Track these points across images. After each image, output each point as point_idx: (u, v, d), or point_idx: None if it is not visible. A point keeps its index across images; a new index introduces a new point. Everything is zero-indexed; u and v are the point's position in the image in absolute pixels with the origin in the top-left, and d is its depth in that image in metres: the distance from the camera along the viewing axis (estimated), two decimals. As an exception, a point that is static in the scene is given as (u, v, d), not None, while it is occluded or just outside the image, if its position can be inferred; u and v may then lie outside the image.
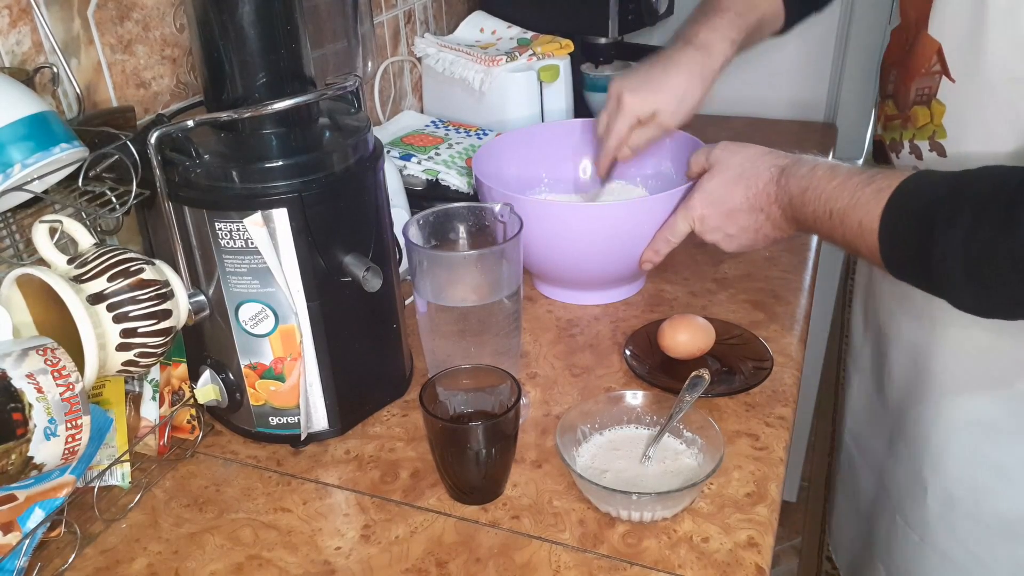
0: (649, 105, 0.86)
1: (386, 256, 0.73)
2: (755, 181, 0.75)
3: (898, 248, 0.62)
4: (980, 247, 0.56)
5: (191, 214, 0.65)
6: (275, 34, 0.64)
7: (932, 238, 0.58)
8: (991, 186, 0.57)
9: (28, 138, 0.59)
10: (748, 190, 0.76)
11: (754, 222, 0.77)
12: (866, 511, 1.02)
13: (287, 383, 0.70)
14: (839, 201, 0.66)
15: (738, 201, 0.77)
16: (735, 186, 0.77)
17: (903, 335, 0.90)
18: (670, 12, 1.34)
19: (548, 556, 0.62)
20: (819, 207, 0.68)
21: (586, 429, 0.70)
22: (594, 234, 0.84)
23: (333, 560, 0.62)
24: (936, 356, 0.85)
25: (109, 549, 0.65)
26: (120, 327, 0.61)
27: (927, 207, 0.59)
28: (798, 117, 1.48)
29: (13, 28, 0.71)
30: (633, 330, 0.87)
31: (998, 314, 0.60)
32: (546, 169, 1.03)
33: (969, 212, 0.56)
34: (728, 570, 0.60)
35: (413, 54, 1.31)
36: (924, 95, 0.78)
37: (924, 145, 0.79)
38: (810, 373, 1.67)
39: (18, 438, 0.54)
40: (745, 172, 0.76)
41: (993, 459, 0.82)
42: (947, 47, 0.74)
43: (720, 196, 0.78)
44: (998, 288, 0.57)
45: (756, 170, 0.75)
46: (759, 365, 0.79)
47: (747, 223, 0.77)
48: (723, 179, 0.78)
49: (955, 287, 0.58)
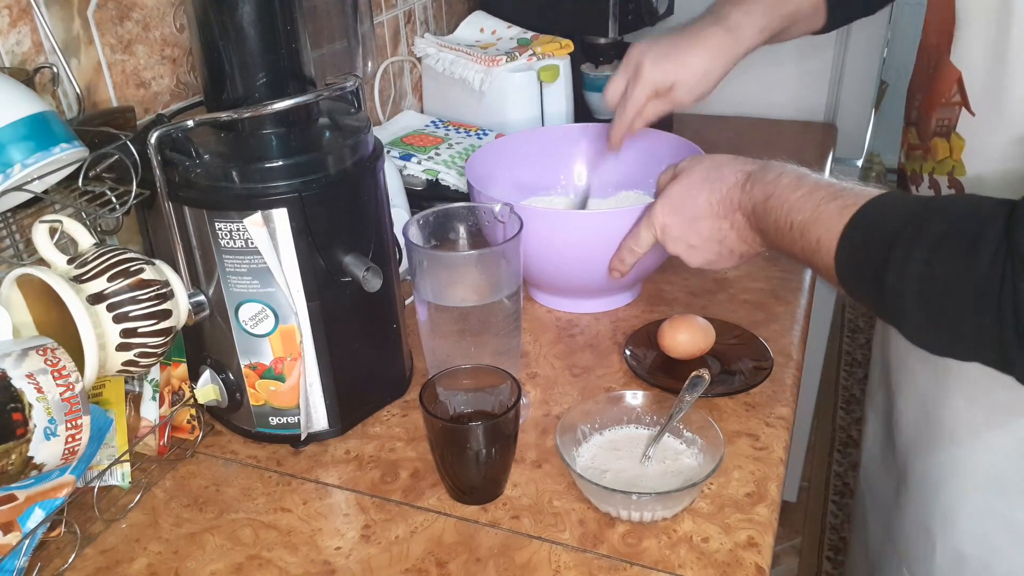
0: (669, 77, 0.83)
1: (386, 256, 0.73)
2: (719, 185, 0.70)
3: (855, 271, 0.57)
4: (938, 279, 0.51)
5: (191, 214, 0.65)
6: (275, 34, 0.64)
7: (887, 264, 0.53)
8: (960, 215, 0.52)
9: (28, 138, 0.59)
10: (712, 195, 0.70)
11: (718, 231, 0.70)
12: (874, 558, 0.99)
13: (287, 383, 0.70)
14: (800, 213, 0.61)
15: (701, 207, 0.71)
16: (698, 191, 0.71)
17: (915, 379, 0.85)
18: (670, 12, 1.34)
19: (548, 556, 0.62)
20: (780, 217, 0.63)
21: (586, 429, 0.70)
22: (586, 241, 0.83)
23: (333, 560, 0.63)
24: (947, 405, 0.79)
25: (109, 549, 0.65)
26: (120, 327, 0.61)
27: (888, 231, 0.54)
28: (798, 117, 1.48)
29: (13, 28, 0.71)
30: (633, 330, 0.86)
31: (952, 352, 0.55)
32: (541, 175, 1.03)
33: (930, 240, 0.51)
34: (728, 570, 0.60)
35: (413, 54, 1.31)
36: (944, 127, 0.73)
37: (943, 180, 0.74)
38: (810, 373, 1.67)
39: (18, 438, 0.54)
40: (709, 176, 0.71)
41: (1007, 517, 0.77)
42: (968, 77, 0.69)
43: (682, 202, 0.72)
44: (953, 325, 0.52)
45: (721, 174, 0.70)
46: (759, 365, 0.79)
47: (710, 232, 0.71)
48: (686, 184, 0.72)
49: (908, 318, 0.54)
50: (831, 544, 1.92)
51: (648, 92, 0.85)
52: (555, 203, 1.02)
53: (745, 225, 0.68)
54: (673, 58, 0.83)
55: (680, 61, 0.83)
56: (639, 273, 0.90)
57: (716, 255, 0.72)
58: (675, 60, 0.83)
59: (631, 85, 0.85)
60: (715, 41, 0.83)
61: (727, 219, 0.69)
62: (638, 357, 0.82)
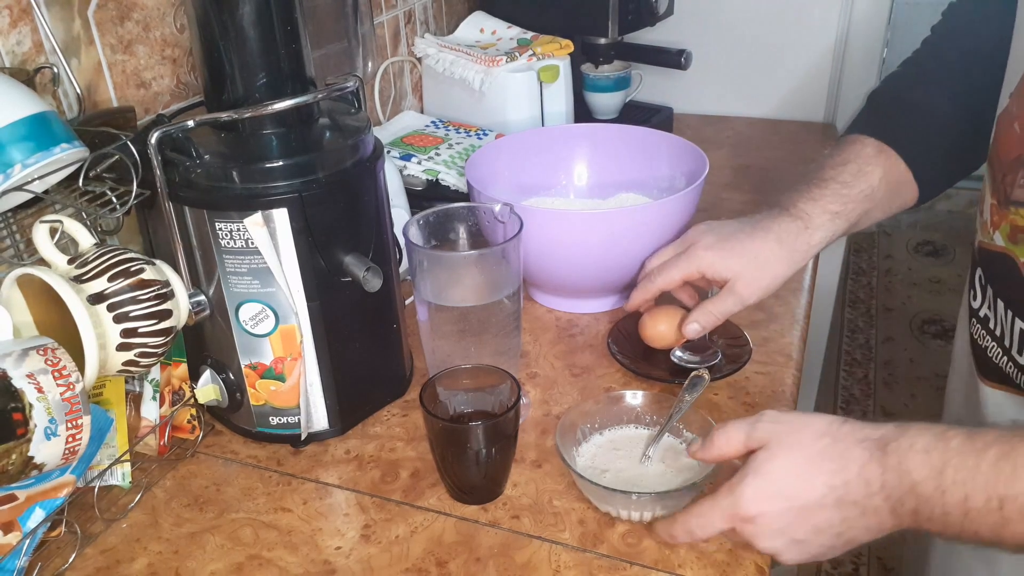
0: (719, 265, 0.73)
1: (386, 256, 0.73)
2: (845, 463, 0.53)
3: None
4: None
5: (191, 214, 0.65)
6: (275, 34, 0.64)
7: None
8: None
9: (28, 138, 0.59)
10: (834, 477, 0.53)
11: (840, 522, 0.54)
12: None
13: (287, 383, 0.70)
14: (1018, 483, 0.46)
15: (818, 493, 0.53)
16: (814, 470, 0.54)
17: None
18: (670, 12, 1.34)
19: (548, 556, 0.62)
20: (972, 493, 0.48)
21: (586, 429, 0.70)
22: (586, 241, 0.83)
23: (333, 560, 0.63)
24: None
25: (109, 549, 0.65)
26: (120, 327, 0.61)
27: None
28: (798, 117, 1.48)
29: (13, 28, 0.71)
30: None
31: None
32: (541, 175, 1.03)
33: None
34: (728, 570, 0.60)
35: (413, 54, 1.31)
36: None
37: None
38: (810, 373, 1.67)
39: (18, 438, 0.54)
40: (826, 452, 0.54)
41: None
42: None
43: (789, 486, 0.54)
44: None
45: (842, 448, 0.54)
46: (733, 343, 0.82)
47: (828, 523, 0.54)
48: (792, 461, 0.55)
49: None
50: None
51: (688, 272, 0.75)
52: (555, 203, 1.02)
53: (887, 511, 0.52)
54: (729, 246, 0.74)
55: (735, 250, 0.73)
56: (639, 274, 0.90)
57: (827, 549, 0.56)
58: (730, 248, 0.74)
59: (674, 259, 0.76)
60: (778, 229, 0.73)
61: (858, 506, 0.53)
62: (622, 349, 0.83)
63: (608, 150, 1.02)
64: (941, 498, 0.49)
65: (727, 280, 0.74)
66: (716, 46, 1.46)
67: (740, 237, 0.74)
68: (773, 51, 1.46)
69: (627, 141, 1.01)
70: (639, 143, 1.00)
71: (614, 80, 1.36)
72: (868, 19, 1.41)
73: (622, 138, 1.01)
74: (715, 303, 0.75)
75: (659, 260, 0.79)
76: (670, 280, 0.76)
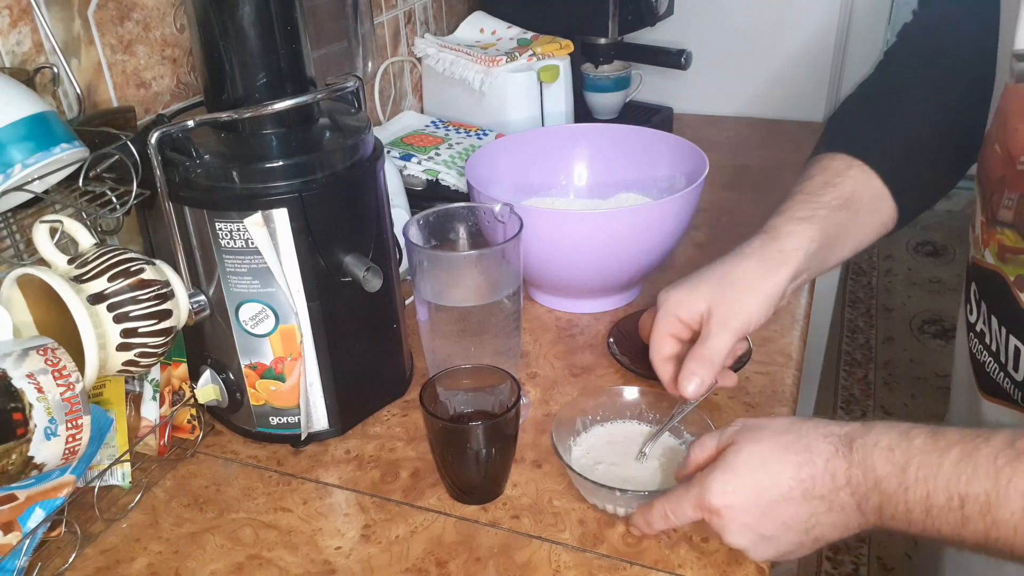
0: (688, 298, 0.67)
1: (386, 256, 0.73)
2: (810, 457, 0.53)
3: None
4: None
5: (191, 214, 0.65)
6: (275, 34, 0.64)
7: None
8: None
9: (28, 138, 0.59)
10: (800, 470, 0.53)
11: (807, 517, 0.53)
12: None
13: (287, 383, 0.70)
14: (977, 483, 0.47)
15: (784, 487, 0.53)
16: (779, 464, 0.54)
17: None
18: (670, 12, 1.34)
19: (548, 556, 0.62)
20: (934, 491, 0.48)
21: (587, 420, 0.70)
22: (586, 241, 0.83)
23: (333, 560, 0.63)
24: None
25: (109, 549, 0.65)
26: (120, 327, 0.61)
27: None
28: (798, 117, 1.48)
29: (13, 28, 0.71)
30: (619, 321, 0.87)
31: None
32: (541, 175, 1.03)
33: None
34: (728, 570, 0.60)
35: (413, 54, 1.31)
36: None
37: None
38: (810, 373, 1.67)
39: (18, 438, 0.54)
40: (791, 446, 0.54)
41: None
42: None
43: (755, 480, 0.54)
44: None
45: (807, 442, 0.54)
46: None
47: (795, 518, 0.54)
48: (758, 454, 0.55)
49: None
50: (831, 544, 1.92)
51: (666, 322, 0.68)
52: (555, 203, 1.02)
53: (853, 507, 0.52)
54: (696, 276, 0.68)
55: (704, 276, 0.67)
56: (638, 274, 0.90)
57: (795, 546, 0.55)
58: (699, 276, 0.68)
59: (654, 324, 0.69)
60: (746, 245, 0.68)
61: (824, 500, 0.53)
62: (621, 346, 0.83)
63: (608, 150, 1.02)
64: (904, 495, 0.49)
65: (703, 314, 0.66)
66: (716, 46, 1.46)
67: (709, 268, 0.68)
68: (773, 51, 1.46)
69: (627, 141, 1.01)
70: (639, 143, 1.00)
71: (614, 80, 1.36)
72: (868, 19, 1.41)
73: (622, 138, 1.01)
74: (703, 345, 0.66)
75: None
76: (662, 346, 0.68)
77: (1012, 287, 0.63)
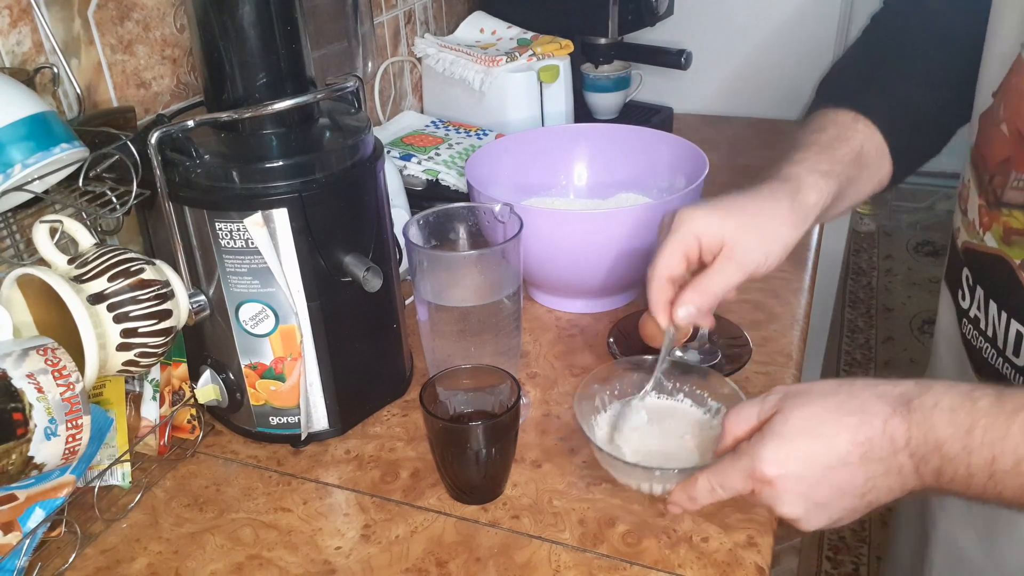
0: (714, 227, 0.63)
1: (386, 256, 0.73)
2: (867, 418, 0.50)
3: None
4: None
5: (191, 214, 0.65)
6: (275, 34, 0.64)
7: None
8: None
9: (28, 138, 0.59)
10: (857, 432, 0.50)
11: (863, 482, 0.51)
12: None
13: (287, 383, 0.70)
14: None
15: (841, 450, 0.50)
16: (835, 428, 0.51)
17: None
18: (670, 12, 1.34)
19: (548, 556, 0.62)
20: (1001, 455, 0.47)
21: (605, 397, 0.69)
22: (586, 241, 0.83)
23: (333, 560, 0.63)
24: None
25: (109, 549, 0.65)
26: (120, 327, 0.61)
27: None
28: (798, 117, 1.48)
29: (13, 28, 0.71)
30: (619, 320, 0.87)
31: None
32: (541, 175, 1.03)
33: None
34: (728, 570, 0.60)
35: (413, 54, 1.31)
36: None
37: None
38: (810, 373, 1.67)
39: (18, 438, 0.54)
40: (844, 406, 0.51)
41: None
42: None
43: (809, 445, 0.51)
44: None
45: (861, 402, 0.51)
46: (733, 343, 0.82)
47: (851, 484, 0.51)
48: (809, 419, 0.52)
49: None
50: (831, 544, 1.93)
51: (685, 243, 0.63)
52: (555, 203, 1.02)
53: (911, 470, 0.50)
54: (724, 204, 0.64)
55: (733, 208, 0.64)
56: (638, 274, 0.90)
57: (848, 512, 0.53)
58: (727, 206, 0.64)
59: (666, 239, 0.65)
60: (770, 192, 0.65)
61: (882, 463, 0.50)
62: (621, 346, 0.83)
63: (608, 150, 1.02)
64: (967, 458, 0.48)
65: (722, 247, 0.63)
66: (716, 46, 1.46)
67: (732, 198, 0.65)
68: (773, 51, 1.46)
69: (627, 141, 1.01)
70: (639, 143, 1.00)
71: (614, 80, 1.36)
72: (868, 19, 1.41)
73: (622, 138, 1.01)
74: (709, 276, 0.63)
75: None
76: (671, 262, 0.64)
77: (1018, 270, 0.62)
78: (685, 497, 0.58)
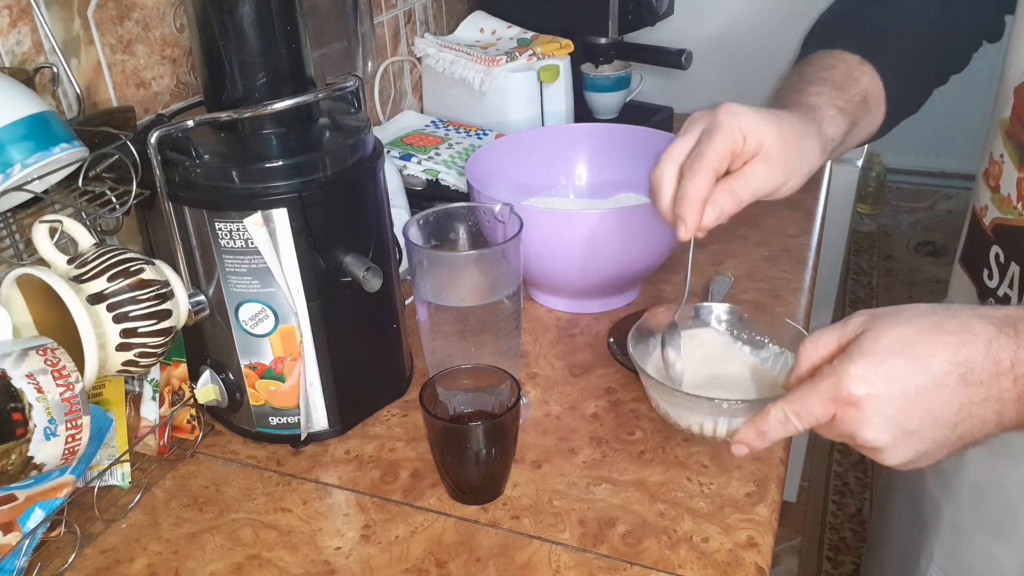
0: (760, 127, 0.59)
1: (386, 256, 0.73)
2: (970, 337, 0.46)
3: None
4: None
5: (191, 214, 0.65)
6: (275, 34, 0.64)
7: None
8: None
9: (28, 138, 0.59)
10: (957, 352, 0.46)
11: (958, 409, 0.47)
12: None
13: (287, 383, 0.70)
14: None
15: (938, 370, 0.46)
16: (932, 346, 0.47)
17: None
18: (670, 12, 1.34)
19: (548, 556, 0.62)
20: None
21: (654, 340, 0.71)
22: (586, 241, 0.83)
23: (333, 560, 0.63)
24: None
25: (109, 549, 0.65)
26: (120, 327, 0.61)
27: None
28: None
29: (13, 28, 0.71)
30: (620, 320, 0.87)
31: None
32: (541, 175, 1.02)
33: None
34: (728, 570, 0.60)
35: (413, 54, 1.31)
36: None
37: None
38: (810, 373, 1.66)
39: (18, 438, 0.54)
40: (943, 324, 0.47)
41: None
42: None
43: (903, 364, 0.47)
44: None
45: (962, 321, 0.47)
46: None
47: (945, 409, 0.47)
48: (903, 336, 0.47)
49: None
50: (831, 544, 1.92)
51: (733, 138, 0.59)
52: (555, 203, 1.02)
53: (1013, 398, 0.46)
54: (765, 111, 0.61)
55: (775, 116, 0.61)
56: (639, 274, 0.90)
57: (937, 445, 0.48)
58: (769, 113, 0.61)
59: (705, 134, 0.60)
60: (799, 112, 0.64)
61: (982, 387, 0.46)
62: (622, 346, 0.82)
63: (608, 150, 1.02)
64: None
65: (758, 151, 0.59)
66: (716, 46, 1.46)
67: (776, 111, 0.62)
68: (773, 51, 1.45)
69: (627, 141, 1.01)
70: (639, 143, 1.00)
71: (614, 80, 1.36)
72: None
73: (622, 138, 1.01)
74: (741, 180, 0.59)
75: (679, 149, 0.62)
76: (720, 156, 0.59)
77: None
78: (754, 433, 0.53)
